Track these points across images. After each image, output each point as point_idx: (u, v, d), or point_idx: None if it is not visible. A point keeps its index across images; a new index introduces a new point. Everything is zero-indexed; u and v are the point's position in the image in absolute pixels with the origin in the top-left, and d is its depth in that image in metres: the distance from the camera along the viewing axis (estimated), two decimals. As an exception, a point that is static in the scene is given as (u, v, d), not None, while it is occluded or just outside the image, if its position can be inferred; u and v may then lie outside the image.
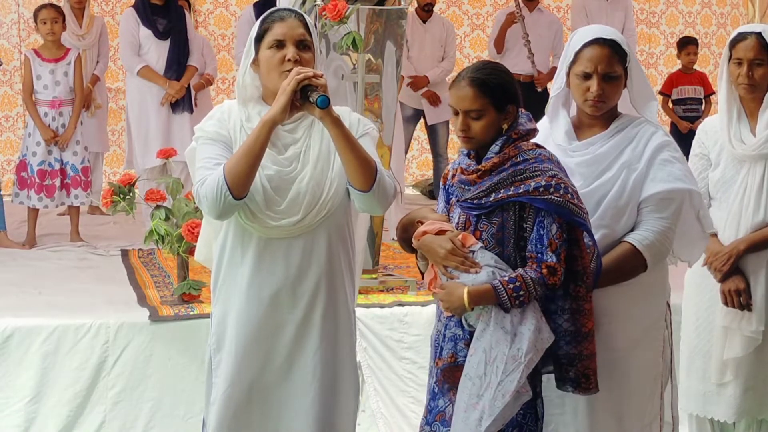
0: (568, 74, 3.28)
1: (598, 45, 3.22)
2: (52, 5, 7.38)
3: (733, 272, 3.86)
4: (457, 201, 3.12)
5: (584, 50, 3.23)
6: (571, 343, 3.03)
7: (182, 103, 7.37)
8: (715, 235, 3.90)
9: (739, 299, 3.86)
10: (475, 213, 3.05)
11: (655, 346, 3.33)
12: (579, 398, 3.17)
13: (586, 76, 3.22)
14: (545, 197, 2.95)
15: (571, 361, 3.04)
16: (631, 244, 3.20)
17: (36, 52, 7.18)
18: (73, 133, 7.11)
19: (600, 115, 3.27)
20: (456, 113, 3.06)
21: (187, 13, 7.70)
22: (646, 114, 3.30)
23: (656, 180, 3.22)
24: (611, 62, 3.21)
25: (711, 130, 3.99)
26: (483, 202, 3.02)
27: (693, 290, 4.07)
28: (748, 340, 3.88)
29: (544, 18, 8.91)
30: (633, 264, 3.21)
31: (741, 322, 3.88)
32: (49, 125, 7.04)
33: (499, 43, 8.70)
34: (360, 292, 5.07)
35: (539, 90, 8.48)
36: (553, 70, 8.47)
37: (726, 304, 3.89)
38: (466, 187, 3.06)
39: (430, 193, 9.25)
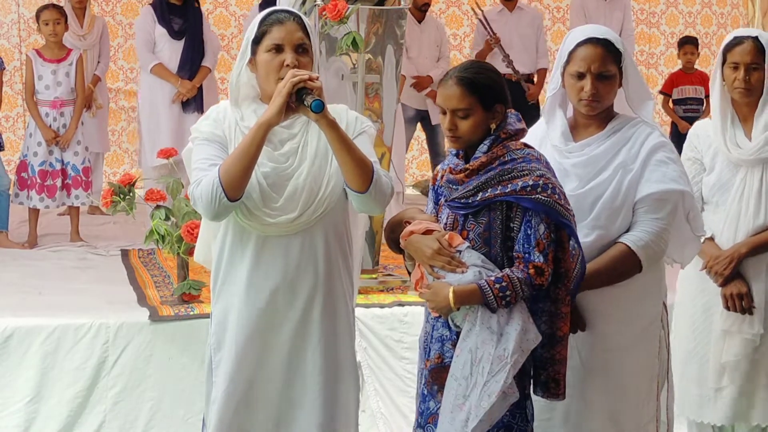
0: (563, 75, 3.28)
1: (591, 44, 3.22)
2: (54, 6, 7.38)
3: (734, 276, 3.84)
4: (445, 201, 3.10)
5: (578, 50, 3.23)
6: (546, 347, 3.01)
7: (193, 103, 7.37)
8: (712, 238, 3.89)
9: (741, 303, 3.84)
10: (462, 212, 3.04)
11: (652, 346, 3.32)
12: (572, 402, 3.16)
13: (580, 76, 3.22)
14: (532, 196, 2.94)
15: (543, 365, 3.03)
16: (626, 245, 3.20)
17: (38, 53, 7.18)
18: (74, 134, 7.13)
19: (596, 115, 3.27)
20: (444, 112, 3.05)
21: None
22: (642, 114, 3.29)
23: (651, 181, 3.21)
24: (605, 61, 3.21)
25: (703, 134, 3.96)
26: (470, 201, 3.01)
27: (687, 295, 4.02)
28: (746, 342, 3.86)
29: (525, 15, 8.82)
30: (628, 265, 3.20)
31: (742, 325, 3.85)
32: (50, 125, 7.05)
33: (481, 58, 8.70)
34: (360, 292, 5.07)
35: (531, 102, 8.49)
36: (541, 76, 8.52)
37: (728, 308, 3.86)
38: (454, 187, 3.05)
39: (431, 193, 9.24)
